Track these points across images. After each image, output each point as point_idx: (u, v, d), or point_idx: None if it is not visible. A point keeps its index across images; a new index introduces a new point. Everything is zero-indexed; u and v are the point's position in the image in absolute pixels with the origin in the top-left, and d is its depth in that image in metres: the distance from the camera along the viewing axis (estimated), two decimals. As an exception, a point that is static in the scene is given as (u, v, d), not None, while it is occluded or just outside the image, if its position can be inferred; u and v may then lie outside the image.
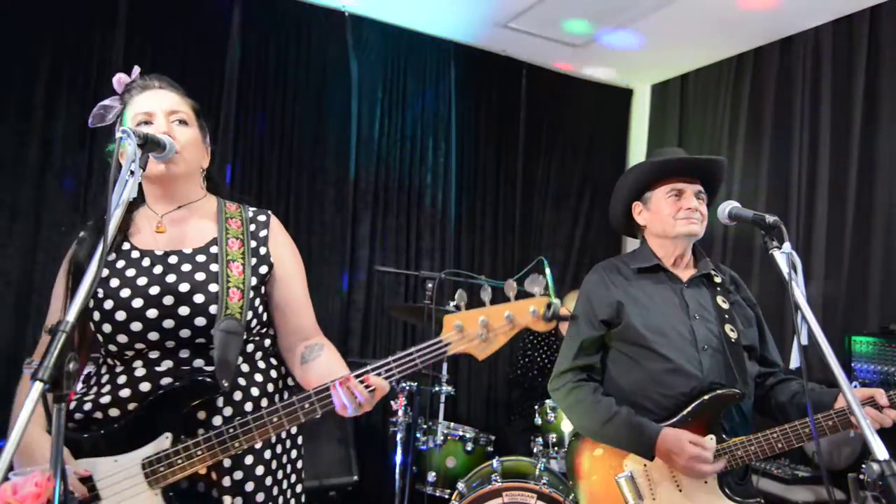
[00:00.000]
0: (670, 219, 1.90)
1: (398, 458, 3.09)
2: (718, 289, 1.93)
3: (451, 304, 3.01)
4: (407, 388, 3.18)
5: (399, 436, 3.12)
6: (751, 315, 1.94)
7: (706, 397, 1.77)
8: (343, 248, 3.98)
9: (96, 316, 1.34)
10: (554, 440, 3.00)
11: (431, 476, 3.01)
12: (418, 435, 3.06)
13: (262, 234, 1.50)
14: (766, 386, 1.91)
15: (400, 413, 3.16)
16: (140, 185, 1.34)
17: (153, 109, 1.40)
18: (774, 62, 4.03)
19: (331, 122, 3.98)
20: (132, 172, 1.16)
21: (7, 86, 3.17)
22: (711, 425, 1.76)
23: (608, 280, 1.95)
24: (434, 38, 4.31)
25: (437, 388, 3.20)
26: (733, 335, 1.83)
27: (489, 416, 4.35)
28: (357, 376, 1.21)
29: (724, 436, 1.77)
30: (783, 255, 1.40)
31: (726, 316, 1.86)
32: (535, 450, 3.00)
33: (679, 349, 1.81)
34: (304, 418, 1.26)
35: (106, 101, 1.47)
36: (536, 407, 3.16)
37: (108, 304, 1.33)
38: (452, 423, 3.15)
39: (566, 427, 2.98)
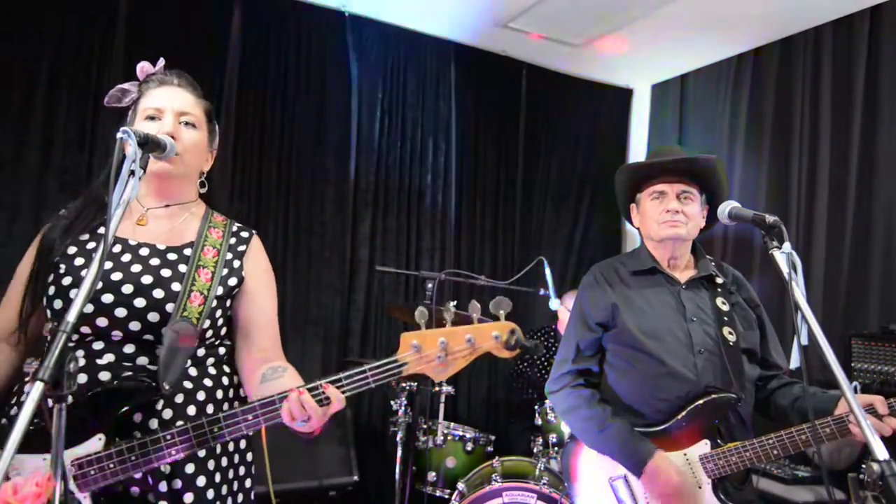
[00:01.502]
0: (654, 222, 1.89)
1: (398, 458, 3.09)
2: (719, 290, 1.90)
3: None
4: (407, 388, 3.18)
5: (399, 436, 3.12)
6: (752, 317, 1.91)
7: (700, 402, 1.75)
8: (343, 248, 3.98)
9: (51, 290, 1.31)
10: (554, 440, 3.00)
11: (431, 476, 3.01)
12: (418, 435, 3.06)
13: (241, 248, 1.48)
14: (768, 389, 1.89)
15: (400, 413, 3.16)
16: None
17: (163, 106, 1.40)
18: (774, 62, 4.02)
19: (331, 122, 3.97)
20: (132, 172, 1.16)
21: (7, 86, 3.17)
22: (706, 430, 1.75)
23: (605, 282, 1.93)
24: (434, 38, 4.30)
25: (437, 388, 3.20)
26: (731, 338, 1.81)
27: (489, 416, 4.35)
28: (310, 389, 1.18)
29: (719, 440, 1.75)
30: (783, 255, 1.40)
31: (725, 318, 1.84)
32: (535, 450, 3.00)
33: (674, 352, 1.79)
34: (246, 430, 1.22)
35: (125, 85, 1.47)
36: (536, 407, 3.16)
37: (67, 280, 1.31)
38: (452, 423, 3.15)
39: (566, 428, 2.98)
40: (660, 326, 1.83)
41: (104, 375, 1.28)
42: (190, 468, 1.31)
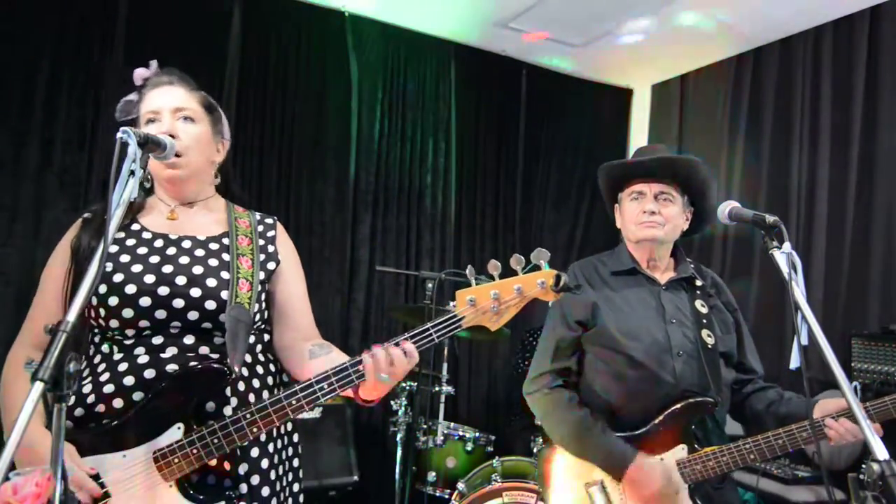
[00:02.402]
0: (631, 223, 1.87)
1: (398, 458, 3.09)
2: (698, 292, 1.88)
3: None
4: (407, 388, 3.18)
5: (399, 436, 3.13)
6: (730, 320, 1.89)
7: (678, 406, 1.73)
8: (343, 248, 3.98)
9: (102, 289, 1.32)
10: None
11: (431, 476, 3.01)
12: (418, 435, 3.06)
13: (270, 234, 1.55)
14: (744, 393, 1.88)
15: (400, 413, 3.16)
16: (151, 176, 1.38)
17: (160, 107, 1.42)
18: (774, 62, 4.03)
19: (331, 122, 3.97)
20: (133, 172, 1.16)
21: (7, 86, 3.17)
22: (683, 434, 1.73)
23: (584, 281, 1.90)
24: (434, 38, 4.31)
25: (437, 388, 3.20)
26: (710, 341, 1.79)
27: (489, 416, 4.35)
28: (395, 343, 1.27)
29: (696, 445, 1.73)
30: (783, 255, 1.40)
31: (704, 321, 1.82)
32: (535, 450, 3.00)
33: (653, 354, 1.77)
34: (322, 398, 1.27)
35: (130, 97, 1.50)
36: (536, 407, 3.16)
37: (118, 277, 1.32)
38: (452, 423, 3.14)
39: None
40: (638, 327, 1.80)
41: (171, 368, 1.31)
42: (255, 452, 1.36)
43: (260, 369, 1.44)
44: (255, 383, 1.41)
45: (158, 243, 1.40)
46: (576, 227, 4.86)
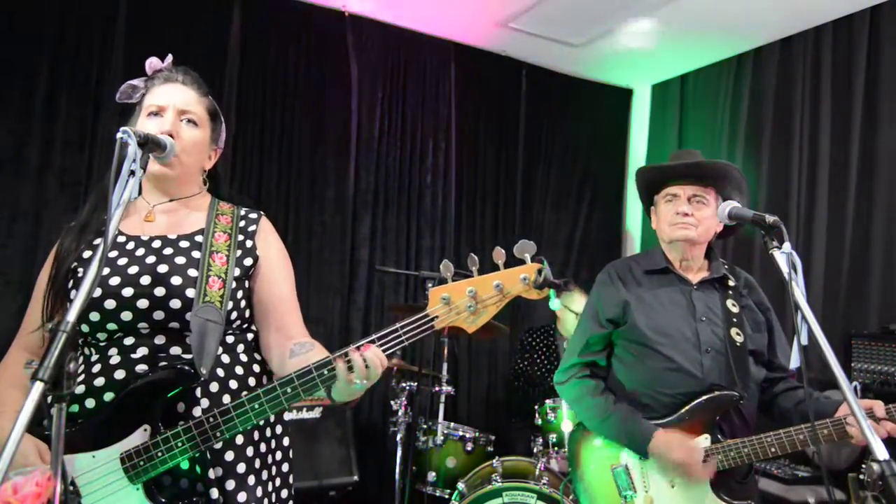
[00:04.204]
0: (665, 224, 1.94)
1: (398, 458, 3.09)
2: (730, 292, 1.94)
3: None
4: (407, 388, 3.19)
5: (399, 436, 3.13)
6: (761, 319, 1.95)
7: (703, 398, 1.79)
8: (343, 248, 3.98)
9: (73, 294, 1.32)
10: (554, 440, 3.00)
11: (431, 476, 3.01)
12: (418, 435, 3.06)
13: (251, 229, 1.50)
14: (773, 392, 1.93)
15: (400, 413, 3.16)
16: None
17: (166, 104, 1.42)
18: (774, 62, 4.03)
19: (331, 122, 3.98)
20: (132, 172, 1.16)
21: (7, 86, 3.17)
22: (708, 426, 1.79)
23: (618, 280, 1.99)
24: (434, 38, 4.31)
25: (437, 388, 3.20)
26: (739, 339, 1.84)
27: (489, 416, 4.35)
28: (342, 355, 1.18)
29: (720, 437, 1.79)
30: (783, 255, 1.40)
31: (734, 319, 1.88)
32: (535, 450, 3.00)
33: (681, 350, 1.84)
34: (286, 403, 1.22)
35: (135, 81, 1.49)
36: (536, 407, 3.16)
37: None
38: (452, 423, 3.15)
39: (566, 427, 2.98)
40: (669, 324, 1.87)
41: (141, 368, 1.30)
42: (229, 456, 1.33)
43: (239, 370, 1.40)
44: (233, 384, 1.37)
45: (130, 245, 1.39)
46: (576, 227, 4.85)
